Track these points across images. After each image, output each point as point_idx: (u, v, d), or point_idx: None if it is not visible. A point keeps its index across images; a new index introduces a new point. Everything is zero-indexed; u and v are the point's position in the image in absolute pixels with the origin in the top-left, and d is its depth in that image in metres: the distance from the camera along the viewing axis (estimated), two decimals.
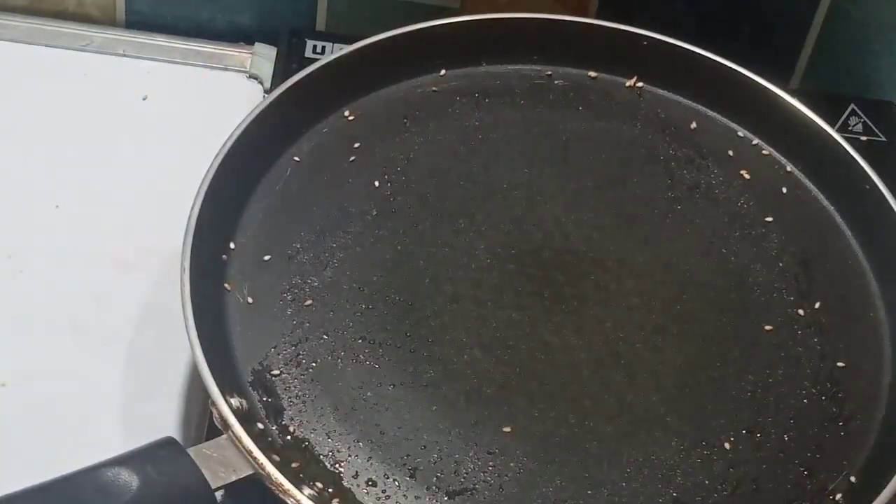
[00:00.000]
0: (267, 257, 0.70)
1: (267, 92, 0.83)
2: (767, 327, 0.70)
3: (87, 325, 0.71)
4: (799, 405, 0.67)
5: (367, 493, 0.62)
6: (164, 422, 0.67)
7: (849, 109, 0.86)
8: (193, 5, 0.88)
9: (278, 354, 0.67)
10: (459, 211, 0.73)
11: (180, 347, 0.67)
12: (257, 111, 0.73)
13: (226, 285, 0.68)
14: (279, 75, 0.81)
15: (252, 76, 0.86)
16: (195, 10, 0.88)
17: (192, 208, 0.68)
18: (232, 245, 0.70)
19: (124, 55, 0.86)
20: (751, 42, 0.78)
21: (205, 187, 0.69)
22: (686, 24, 0.79)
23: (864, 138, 0.85)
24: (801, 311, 0.71)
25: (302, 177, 0.74)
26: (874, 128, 0.86)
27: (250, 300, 0.68)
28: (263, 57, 0.86)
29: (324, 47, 0.84)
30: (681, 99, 0.79)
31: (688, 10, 0.84)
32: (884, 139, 0.86)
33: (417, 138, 0.76)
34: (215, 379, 0.62)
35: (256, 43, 0.87)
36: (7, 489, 0.61)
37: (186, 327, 0.64)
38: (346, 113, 0.77)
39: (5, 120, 0.81)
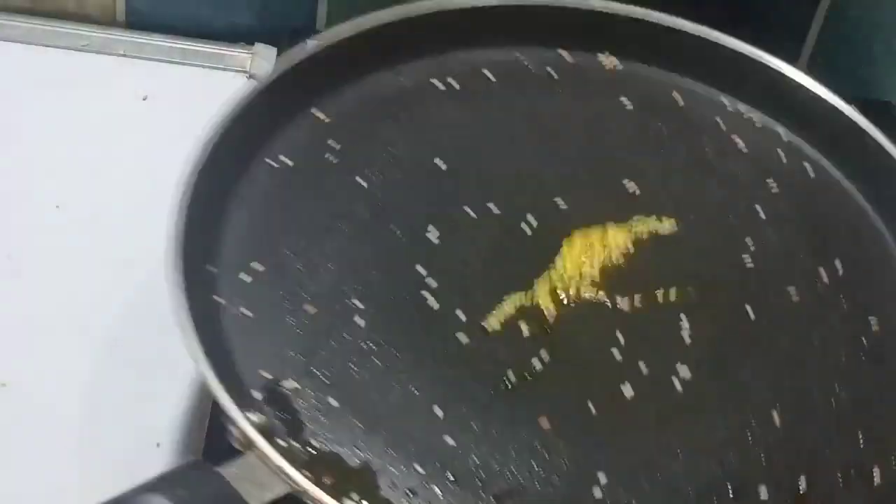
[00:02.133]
0: (259, 267, 0.64)
1: None
2: (792, 292, 0.67)
3: (87, 325, 0.70)
4: (840, 368, 0.64)
5: (409, 502, 0.57)
6: (164, 422, 0.67)
7: None
8: (193, 5, 0.88)
9: (288, 367, 0.61)
10: (452, 203, 0.69)
11: (180, 347, 0.63)
12: (223, 119, 0.68)
13: (219, 299, 0.63)
14: None
15: (252, 76, 0.85)
16: (195, 10, 0.88)
17: (172, 223, 0.63)
18: (217, 255, 0.65)
19: (124, 55, 0.86)
20: (751, 42, 0.76)
21: (184, 201, 0.64)
22: (686, 14, 0.77)
23: None
24: (822, 274, 0.68)
25: (281, 182, 0.69)
26: None
27: (247, 312, 0.63)
28: (263, 57, 0.86)
29: None
30: (660, 71, 0.76)
31: (687, 9, 0.82)
32: None
33: (395, 133, 0.72)
34: (229, 395, 0.57)
35: (256, 43, 0.87)
36: (8, 489, 0.62)
37: (189, 347, 0.58)
38: (316, 112, 0.72)
39: (5, 120, 0.80)
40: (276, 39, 0.85)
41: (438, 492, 0.58)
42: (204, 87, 0.85)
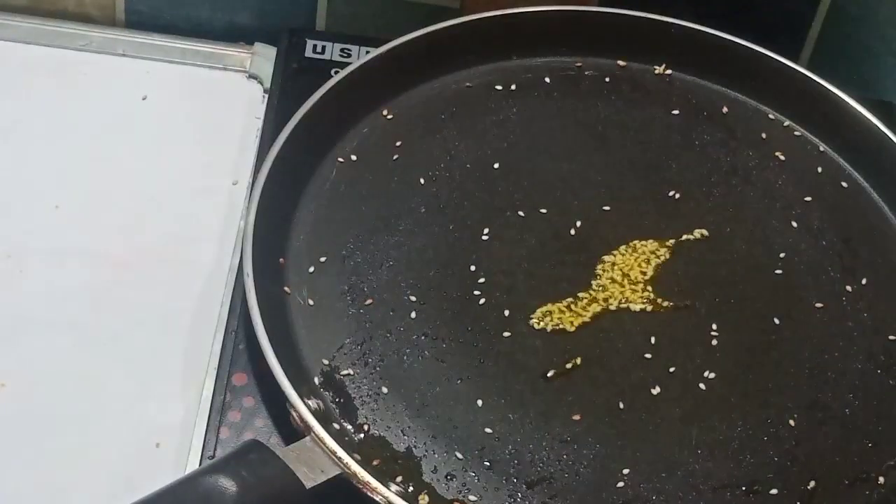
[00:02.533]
0: (323, 259, 0.70)
1: (266, 92, 0.83)
2: (818, 305, 0.71)
3: (87, 325, 0.70)
4: (857, 379, 0.69)
5: (448, 487, 0.63)
6: (164, 422, 0.67)
7: None
8: (193, 5, 0.88)
9: (345, 354, 0.67)
10: (505, 204, 0.74)
11: (180, 347, 0.68)
12: (298, 116, 0.73)
13: (285, 289, 0.69)
14: (279, 75, 0.81)
15: (252, 76, 0.85)
16: (195, 9, 0.88)
17: (248, 214, 0.69)
18: (287, 249, 0.70)
19: (124, 55, 0.85)
20: (752, 42, 0.79)
21: (257, 196, 0.69)
22: (686, 14, 0.80)
23: None
24: (848, 288, 0.72)
25: (348, 177, 0.74)
26: None
27: (311, 302, 0.69)
28: (263, 57, 0.86)
29: (324, 47, 0.84)
30: (710, 84, 0.81)
31: (687, 9, 0.85)
32: None
33: (457, 134, 0.77)
34: (291, 382, 0.63)
35: (256, 43, 0.87)
36: (8, 489, 0.62)
37: (256, 332, 0.64)
38: (385, 112, 0.77)
39: (5, 120, 0.80)
40: (275, 39, 0.84)
41: (475, 477, 0.63)
42: (203, 87, 0.84)
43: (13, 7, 0.87)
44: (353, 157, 0.75)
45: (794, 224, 0.75)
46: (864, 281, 0.72)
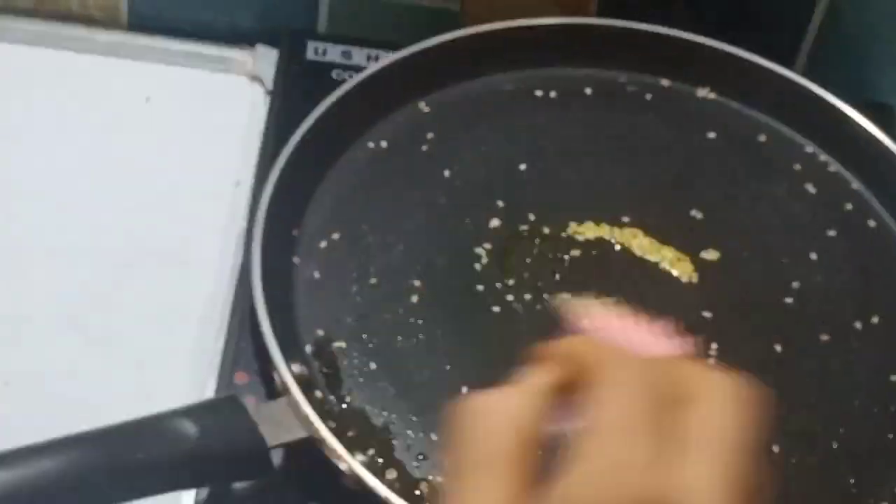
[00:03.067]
0: (336, 236, 0.72)
1: (269, 93, 0.83)
2: (824, 337, 0.71)
3: (87, 325, 0.71)
4: (850, 415, 0.68)
5: (418, 466, 0.64)
6: None
7: None
8: (195, 8, 0.88)
9: (340, 328, 0.68)
10: (525, 204, 0.75)
11: (182, 347, 0.69)
12: (336, 96, 0.75)
13: (294, 259, 0.70)
14: (281, 77, 0.82)
15: (254, 78, 0.86)
16: (197, 12, 0.88)
17: (268, 182, 0.70)
18: (303, 221, 0.72)
19: (127, 57, 0.86)
20: (749, 42, 0.79)
21: (281, 163, 0.71)
22: (683, 21, 0.79)
23: None
24: (857, 325, 0.71)
25: (376, 163, 0.76)
26: None
27: (317, 275, 0.70)
28: (265, 59, 0.86)
29: (325, 49, 0.84)
30: (751, 111, 0.80)
31: (686, 8, 0.85)
32: None
33: (490, 133, 0.78)
34: (279, 344, 0.64)
35: (258, 45, 0.87)
36: None
37: (253, 292, 0.66)
38: (423, 105, 0.78)
39: (8, 121, 0.81)
40: (277, 41, 0.85)
41: None
42: (206, 89, 0.85)
43: (17, 9, 0.87)
44: (384, 144, 0.76)
45: (813, 256, 0.74)
46: (874, 320, 0.71)
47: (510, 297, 0.70)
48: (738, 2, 0.87)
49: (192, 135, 0.81)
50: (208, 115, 0.82)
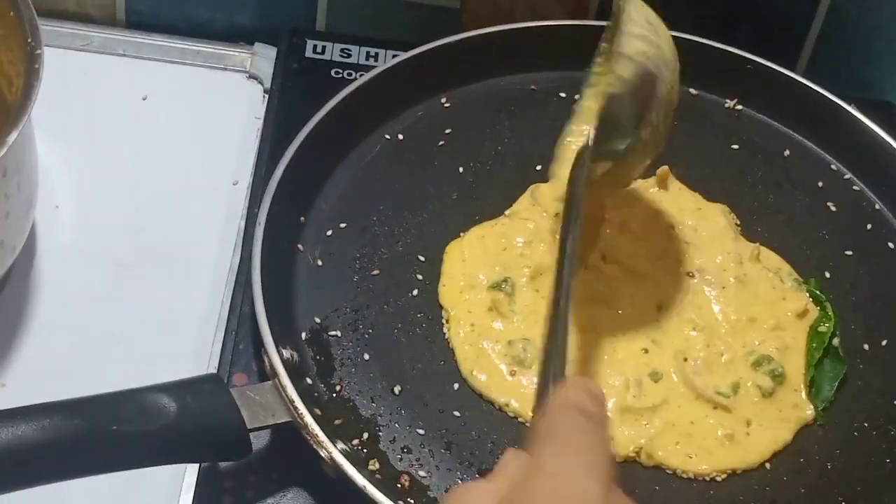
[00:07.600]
0: (343, 225, 0.72)
1: (267, 92, 0.83)
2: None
3: (87, 325, 0.71)
4: (848, 436, 0.67)
5: (401, 458, 0.63)
6: None
7: None
8: (193, 5, 0.88)
9: (338, 317, 0.68)
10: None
11: (180, 347, 0.69)
12: (356, 85, 0.75)
13: (298, 246, 0.70)
14: (279, 75, 0.82)
15: (252, 76, 0.85)
16: (195, 10, 0.88)
17: (278, 168, 0.70)
18: (311, 209, 0.72)
19: (124, 55, 0.85)
20: (751, 42, 0.77)
21: (293, 150, 0.71)
22: (684, 21, 0.78)
23: None
24: (866, 346, 0.70)
25: (390, 154, 0.76)
26: None
27: (319, 263, 0.70)
28: (263, 57, 0.86)
29: (324, 47, 0.83)
30: (778, 125, 0.79)
31: (687, 8, 0.84)
32: None
33: (508, 131, 0.78)
34: (271, 328, 0.64)
35: (256, 43, 0.87)
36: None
37: (251, 275, 0.66)
38: (444, 100, 0.78)
39: None
40: (275, 39, 0.85)
41: (430, 455, 0.64)
42: (204, 87, 0.84)
43: None
44: (400, 137, 0.76)
45: (828, 274, 0.73)
46: (883, 343, 0.70)
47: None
48: (739, 2, 0.86)
49: (191, 133, 0.81)
50: (206, 114, 0.82)
